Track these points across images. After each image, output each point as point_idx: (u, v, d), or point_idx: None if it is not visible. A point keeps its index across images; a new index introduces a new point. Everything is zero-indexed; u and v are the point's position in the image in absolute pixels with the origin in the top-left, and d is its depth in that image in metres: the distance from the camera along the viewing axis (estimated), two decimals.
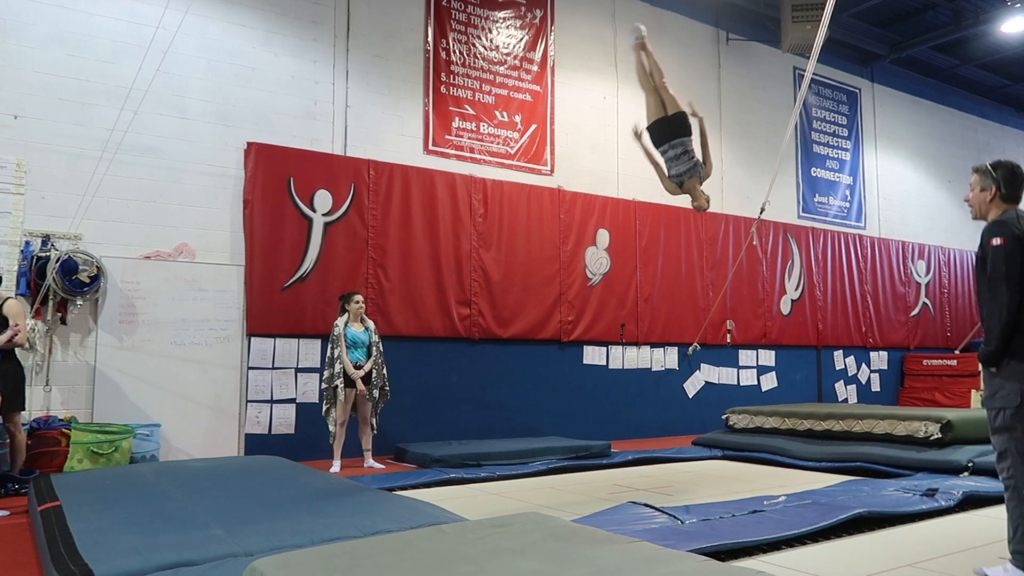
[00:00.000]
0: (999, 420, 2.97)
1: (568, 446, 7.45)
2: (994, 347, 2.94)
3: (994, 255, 3.02)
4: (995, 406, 2.99)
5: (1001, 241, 3.02)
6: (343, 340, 6.80)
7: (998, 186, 3.17)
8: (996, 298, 2.96)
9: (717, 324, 10.37)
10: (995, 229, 3.08)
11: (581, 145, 9.66)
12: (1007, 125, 15.92)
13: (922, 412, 6.90)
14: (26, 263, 6.32)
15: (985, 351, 2.98)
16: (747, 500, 4.86)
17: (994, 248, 3.02)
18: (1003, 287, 2.95)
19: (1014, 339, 2.94)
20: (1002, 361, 2.97)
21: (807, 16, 10.26)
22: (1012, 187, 3.18)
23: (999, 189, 3.17)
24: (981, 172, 3.25)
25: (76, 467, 5.94)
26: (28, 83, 6.52)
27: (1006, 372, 2.93)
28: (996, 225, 3.10)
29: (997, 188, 3.17)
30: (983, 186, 3.22)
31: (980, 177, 3.25)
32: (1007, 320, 2.92)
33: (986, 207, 3.21)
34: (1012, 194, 3.18)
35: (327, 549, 2.92)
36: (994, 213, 3.17)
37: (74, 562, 3.08)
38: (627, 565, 2.64)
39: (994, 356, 2.97)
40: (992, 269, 3.01)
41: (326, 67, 8.00)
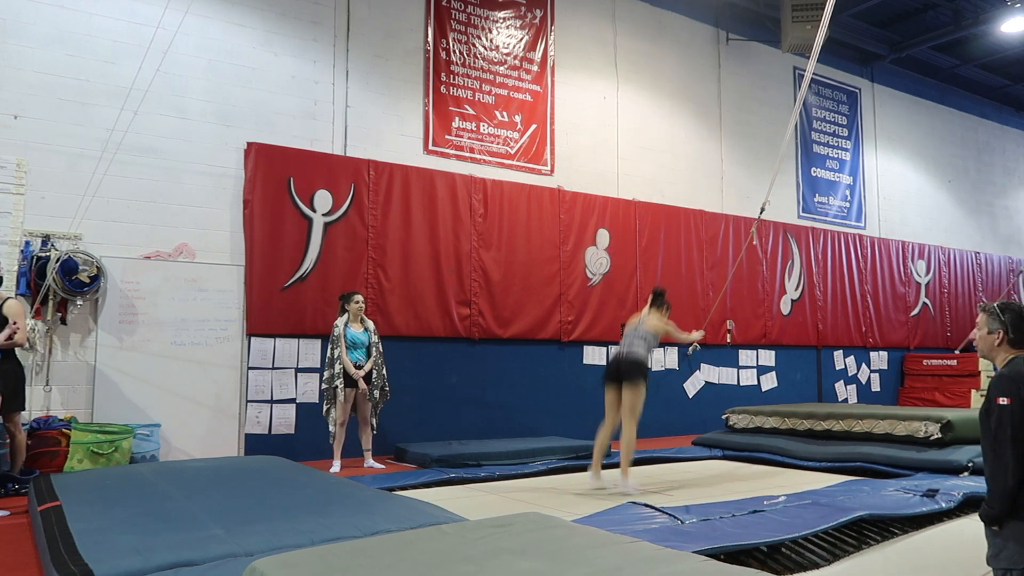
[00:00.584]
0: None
1: (568, 446, 7.45)
2: (997, 511, 2.92)
3: (999, 415, 2.95)
4: (1001, 567, 2.97)
5: (1008, 402, 2.92)
6: (343, 340, 6.80)
7: (1006, 330, 3.09)
8: (1000, 459, 2.93)
9: (717, 324, 10.37)
10: (1003, 387, 2.97)
11: (581, 145, 9.66)
12: (1007, 125, 15.93)
13: (922, 412, 6.90)
14: (26, 263, 6.32)
15: (988, 513, 2.95)
16: (747, 500, 4.86)
17: (1000, 407, 2.95)
18: (1008, 450, 2.90)
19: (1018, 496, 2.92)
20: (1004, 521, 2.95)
21: (807, 16, 10.26)
22: (1020, 331, 3.08)
23: (1007, 333, 3.10)
24: (989, 313, 3.16)
25: (76, 467, 5.94)
26: (28, 83, 6.52)
27: (1008, 532, 2.92)
28: (1004, 382, 3.00)
29: (1005, 332, 3.10)
30: (990, 328, 3.13)
31: (987, 319, 3.15)
32: (1012, 485, 2.89)
33: (994, 351, 3.14)
34: (1020, 339, 3.09)
35: (327, 549, 2.92)
36: (1002, 357, 3.09)
37: (74, 562, 3.08)
38: (627, 565, 2.64)
39: (996, 518, 2.96)
40: (996, 429, 2.95)
41: (326, 67, 8.00)
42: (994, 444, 2.95)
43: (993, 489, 2.93)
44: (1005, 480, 2.88)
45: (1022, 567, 2.89)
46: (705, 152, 10.92)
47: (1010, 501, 2.88)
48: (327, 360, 6.87)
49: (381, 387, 6.97)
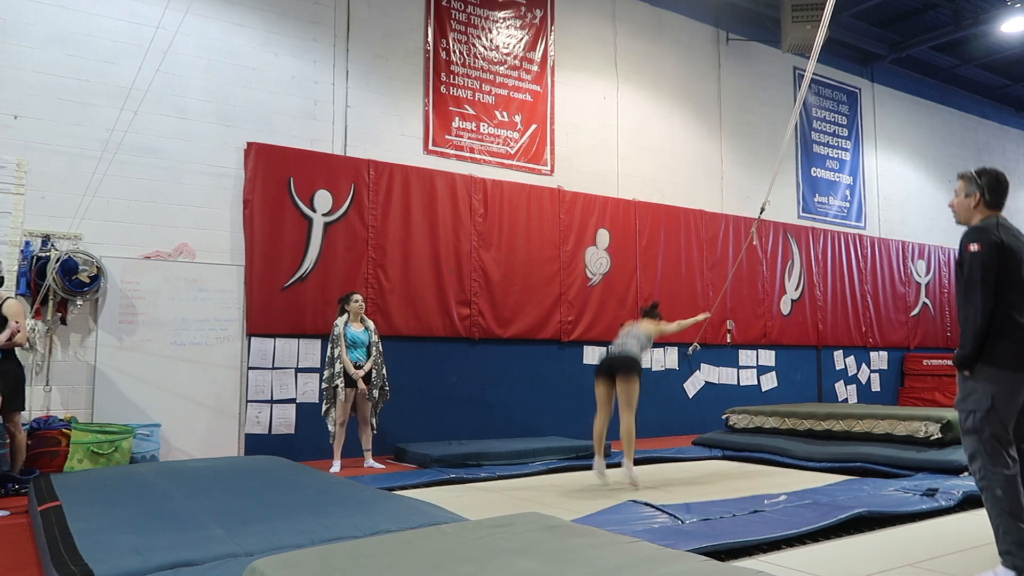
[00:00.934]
0: (969, 422, 3.04)
1: (568, 446, 7.45)
2: (968, 351, 3.02)
3: (971, 261, 3.08)
4: (966, 408, 3.06)
5: (978, 247, 3.07)
6: (343, 340, 6.80)
7: (982, 192, 3.23)
8: (971, 303, 3.04)
9: (717, 324, 10.37)
10: (973, 235, 3.13)
11: (581, 145, 9.66)
12: (1007, 125, 15.93)
13: (922, 412, 6.90)
14: (26, 263, 6.32)
15: (959, 354, 3.05)
16: (747, 499, 4.86)
17: (971, 254, 3.08)
18: (978, 293, 3.01)
19: (987, 344, 3.00)
20: (975, 365, 3.03)
21: (807, 16, 10.26)
22: (996, 194, 3.23)
23: (983, 196, 3.22)
24: (966, 178, 3.31)
25: (76, 467, 5.94)
26: (28, 83, 6.52)
27: (978, 375, 3.00)
28: (975, 231, 3.15)
29: (981, 195, 3.23)
30: (967, 192, 3.28)
31: (965, 183, 3.31)
32: (981, 325, 2.99)
33: (970, 213, 3.27)
34: (995, 201, 3.23)
35: (327, 549, 2.92)
36: (977, 219, 3.22)
37: (74, 562, 3.08)
38: (627, 565, 2.64)
39: (967, 360, 3.05)
40: (968, 274, 3.07)
41: (326, 67, 8.00)
42: (966, 288, 3.08)
43: (965, 332, 3.05)
44: (976, 321, 2.99)
45: (986, 408, 2.99)
46: (705, 152, 10.92)
47: (981, 341, 2.98)
48: (327, 360, 6.87)
49: (381, 387, 6.97)
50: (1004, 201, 3.28)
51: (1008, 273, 3.04)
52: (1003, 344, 2.98)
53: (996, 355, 2.97)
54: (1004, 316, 3.01)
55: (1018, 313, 3.01)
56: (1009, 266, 3.05)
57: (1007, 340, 2.99)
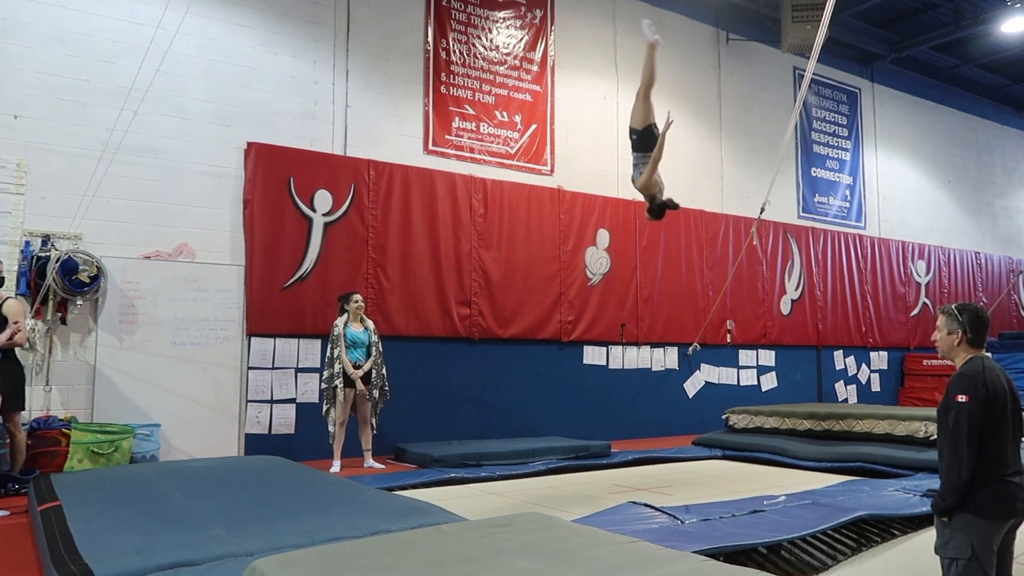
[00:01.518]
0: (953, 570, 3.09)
1: (568, 446, 7.45)
2: (949, 503, 3.07)
3: (958, 411, 3.11)
4: (947, 556, 3.11)
5: (966, 399, 3.08)
6: (343, 340, 6.80)
7: (964, 331, 3.24)
8: (956, 454, 3.07)
9: (717, 324, 10.37)
10: (962, 384, 3.13)
11: (581, 145, 9.66)
12: (1007, 125, 15.92)
13: (922, 412, 6.90)
14: (26, 263, 6.32)
15: (939, 504, 3.09)
16: (747, 500, 4.86)
17: (959, 404, 3.11)
18: (964, 446, 3.05)
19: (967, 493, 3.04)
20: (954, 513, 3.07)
21: (807, 16, 10.26)
22: (977, 331, 3.25)
23: (965, 333, 3.23)
24: (948, 315, 3.33)
25: (76, 467, 5.94)
26: (28, 83, 6.52)
27: (957, 523, 3.05)
28: (963, 380, 3.16)
29: (963, 332, 3.24)
30: (950, 329, 3.29)
31: (947, 320, 3.33)
32: (966, 478, 3.04)
33: (954, 351, 3.29)
34: (977, 339, 3.26)
35: (327, 549, 2.92)
36: (961, 356, 3.24)
37: (74, 562, 3.08)
38: (627, 565, 2.64)
39: (948, 510, 3.08)
40: (955, 426, 3.10)
41: (326, 67, 8.00)
42: (951, 439, 3.08)
43: (947, 483, 3.06)
44: (959, 474, 3.02)
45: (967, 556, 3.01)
46: (705, 152, 10.92)
47: (962, 494, 2.99)
48: (327, 360, 6.87)
49: (380, 387, 6.97)
50: (986, 338, 3.30)
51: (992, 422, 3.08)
52: (983, 493, 3.04)
53: (975, 503, 3.01)
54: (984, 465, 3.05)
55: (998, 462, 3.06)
56: (995, 415, 3.09)
57: (986, 488, 3.04)
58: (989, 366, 3.18)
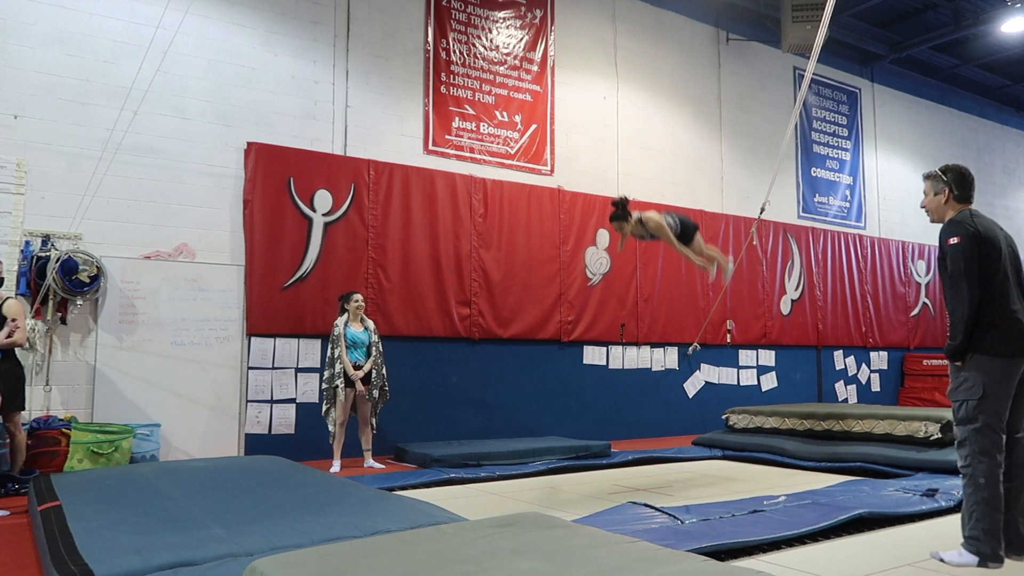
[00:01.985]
0: (962, 411, 3.12)
1: (568, 446, 7.45)
2: (959, 341, 3.11)
3: (952, 253, 3.16)
4: (959, 398, 3.14)
5: (958, 240, 3.16)
6: (343, 340, 6.80)
7: (950, 188, 3.30)
8: (958, 294, 3.12)
9: (717, 324, 10.37)
10: (951, 229, 3.23)
11: (581, 145, 9.66)
12: (1007, 125, 15.92)
13: (922, 412, 6.89)
14: (26, 263, 6.32)
15: (951, 346, 3.14)
16: (747, 500, 4.85)
17: (952, 247, 3.17)
18: (964, 283, 3.09)
19: (976, 333, 3.06)
20: (966, 355, 3.09)
21: (807, 16, 10.26)
22: (963, 188, 3.33)
23: (951, 191, 3.30)
24: (933, 178, 3.41)
25: (76, 467, 5.94)
26: (28, 83, 6.52)
27: (970, 365, 3.08)
28: (952, 224, 3.24)
29: (950, 190, 3.30)
30: (936, 190, 3.37)
31: (932, 183, 3.41)
32: (970, 315, 3.07)
33: (942, 210, 3.36)
34: (964, 195, 3.33)
35: (327, 549, 2.92)
36: (950, 214, 3.29)
37: (74, 562, 3.08)
38: (627, 565, 2.64)
39: (959, 350, 3.13)
40: (952, 267, 3.15)
41: (326, 67, 8.00)
42: (951, 281, 3.16)
43: (955, 322, 3.13)
44: (965, 310, 3.05)
45: (978, 397, 3.06)
46: (705, 152, 10.92)
47: (971, 331, 3.02)
48: (327, 360, 6.87)
49: (380, 387, 6.97)
50: (972, 194, 3.39)
51: (989, 262, 3.13)
52: (992, 332, 3.05)
53: (985, 343, 3.04)
54: (991, 304, 3.08)
55: (1004, 300, 3.10)
56: (990, 254, 3.14)
57: (996, 328, 3.06)
58: (978, 214, 3.26)
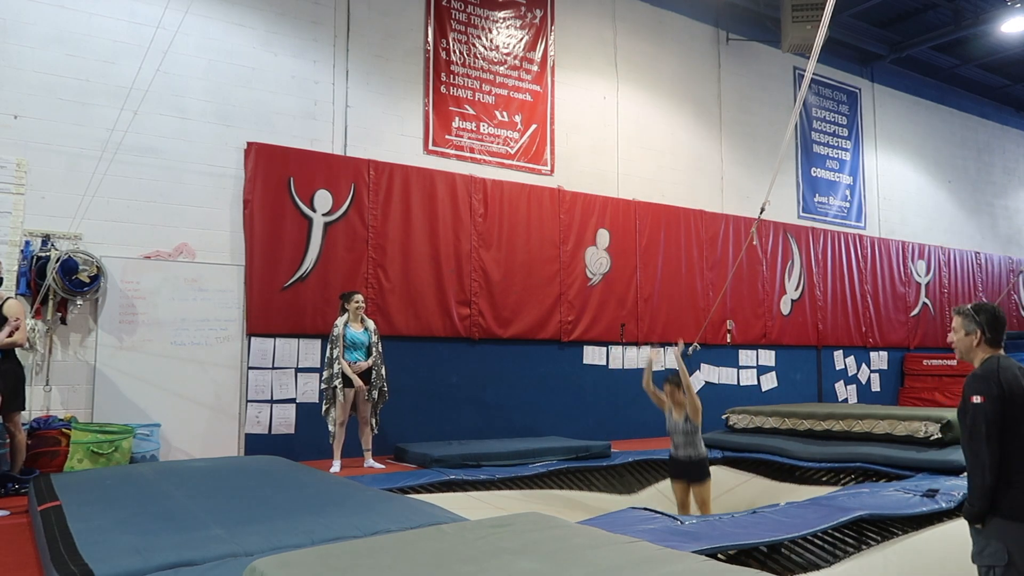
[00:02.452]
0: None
1: (568, 446, 7.44)
2: (978, 508, 2.98)
3: (974, 413, 3.01)
4: (984, 563, 3.01)
5: (981, 400, 3.00)
6: (342, 341, 6.79)
7: (982, 331, 3.16)
8: (977, 457, 2.98)
9: (717, 324, 10.37)
10: (976, 385, 3.05)
11: (581, 145, 9.66)
12: (1007, 125, 15.92)
13: (922, 412, 6.90)
14: (26, 263, 6.32)
15: (969, 511, 3.01)
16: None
17: (974, 406, 3.01)
18: (983, 448, 2.95)
19: (996, 495, 2.96)
20: (985, 518, 2.99)
21: (807, 16, 10.25)
22: (995, 331, 3.18)
23: (984, 334, 3.16)
24: (965, 316, 3.24)
25: (76, 467, 5.94)
26: (28, 83, 6.52)
27: (990, 529, 2.96)
28: (977, 381, 3.07)
29: (982, 332, 3.17)
30: (967, 330, 3.21)
31: (964, 320, 3.24)
32: (990, 480, 2.94)
33: (972, 352, 3.21)
34: (995, 338, 3.18)
35: (327, 549, 2.92)
36: (980, 357, 3.16)
37: (74, 562, 3.08)
38: (627, 565, 2.64)
39: (978, 515, 3.00)
40: (972, 428, 3.00)
41: (326, 67, 8.00)
42: (970, 442, 3.02)
43: (973, 487, 2.98)
44: (983, 477, 2.94)
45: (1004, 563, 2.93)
46: (705, 152, 10.92)
47: (990, 498, 2.92)
48: (326, 360, 6.87)
49: (380, 388, 6.96)
50: (1003, 337, 3.23)
51: (1013, 420, 2.97)
52: (1011, 494, 2.93)
53: (1005, 506, 2.92)
54: (1010, 466, 2.96)
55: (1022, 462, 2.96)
56: (1014, 413, 2.98)
57: (1014, 490, 2.93)
58: (1005, 365, 3.11)
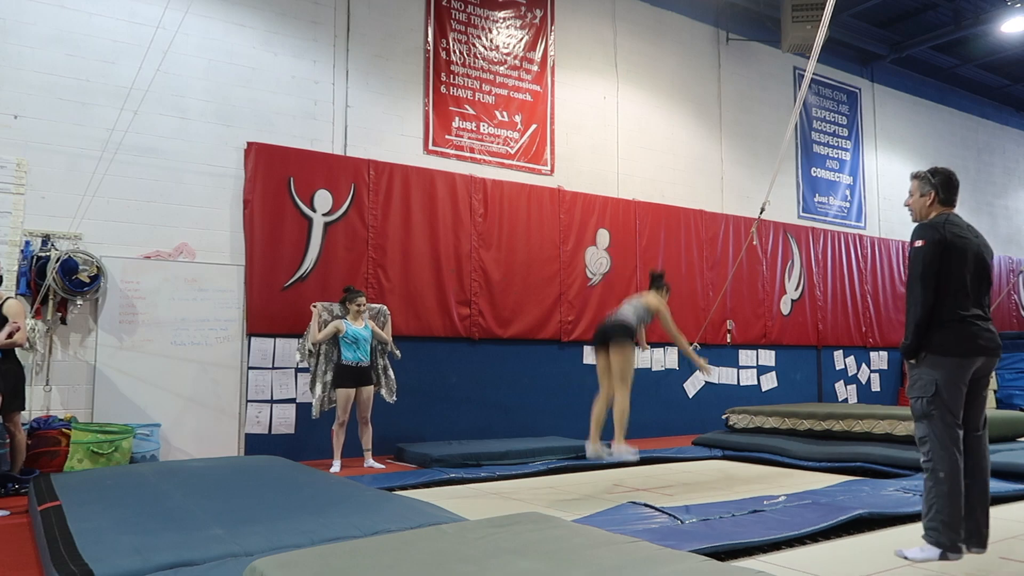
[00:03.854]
0: (919, 407, 3.26)
1: (568, 446, 7.45)
2: (910, 341, 3.29)
3: (913, 256, 3.29)
4: (915, 395, 3.28)
5: (922, 243, 3.30)
6: (341, 325, 6.81)
7: (936, 191, 3.38)
8: (912, 294, 3.23)
9: (717, 324, 10.37)
10: (920, 232, 3.38)
11: (581, 145, 9.66)
12: (1007, 125, 15.92)
13: None
14: (26, 263, 6.32)
15: (904, 345, 3.30)
16: (747, 500, 4.85)
17: (914, 249, 3.30)
18: (919, 286, 3.21)
19: (929, 334, 3.17)
20: (919, 354, 3.21)
21: (807, 16, 10.26)
22: (948, 191, 3.45)
23: (938, 193, 3.38)
24: (920, 178, 3.51)
25: (76, 467, 5.94)
26: (28, 83, 6.52)
27: (923, 363, 3.21)
28: (922, 228, 3.37)
29: (936, 192, 3.38)
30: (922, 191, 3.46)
31: (919, 183, 3.52)
32: (922, 317, 3.21)
33: (925, 211, 3.49)
34: (948, 198, 3.44)
35: (327, 549, 2.92)
36: (931, 216, 3.38)
37: (74, 562, 3.08)
38: (627, 565, 2.64)
39: (911, 349, 3.29)
40: (910, 269, 3.29)
41: (326, 67, 8.00)
42: (910, 283, 3.27)
43: (909, 324, 3.29)
44: (917, 314, 3.22)
45: (931, 394, 3.19)
46: (705, 152, 10.92)
47: (922, 332, 3.17)
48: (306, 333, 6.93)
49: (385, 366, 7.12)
50: (956, 198, 3.47)
51: (950, 267, 3.23)
52: (943, 332, 3.19)
53: (936, 343, 3.17)
54: (944, 307, 3.21)
55: (957, 304, 3.24)
56: (951, 260, 3.23)
57: (947, 329, 3.20)
58: (954, 220, 3.34)
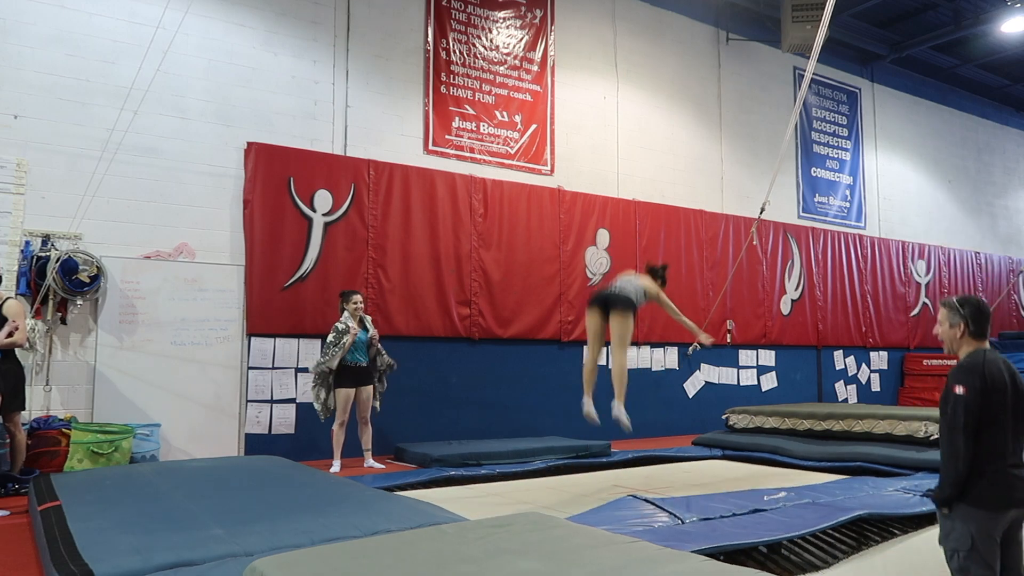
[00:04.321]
0: (955, 561, 3.12)
1: (568, 446, 7.45)
2: (947, 493, 3.09)
3: (955, 404, 3.10)
4: (950, 547, 3.13)
5: (964, 391, 3.06)
6: (352, 336, 6.72)
7: (966, 323, 3.22)
8: (953, 446, 3.08)
9: (717, 324, 10.36)
10: (960, 376, 3.12)
11: (581, 145, 9.66)
12: (1007, 125, 15.92)
13: (922, 412, 6.90)
14: (26, 263, 6.32)
15: (939, 495, 3.10)
16: (747, 498, 4.84)
17: (956, 397, 3.10)
18: (961, 438, 3.05)
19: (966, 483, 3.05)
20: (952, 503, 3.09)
21: (807, 16, 10.26)
22: (979, 324, 3.24)
23: (967, 327, 3.22)
24: (949, 308, 3.31)
25: (76, 467, 5.94)
26: (28, 83, 6.52)
27: (957, 514, 3.08)
28: (961, 371, 3.15)
29: (965, 325, 3.22)
30: (951, 322, 3.28)
31: (948, 312, 3.31)
32: (963, 470, 3.05)
33: (957, 343, 3.28)
34: (980, 331, 3.23)
35: (327, 549, 2.92)
36: (964, 350, 3.22)
37: (74, 562, 3.08)
38: (627, 565, 2.64)
39: (947, 501, 3.10)
40: (952, 417, 3.10)
41: (326, 67, 8.00)
42: (949, 431, 3.08)
43: (945, 474, 3.06)
44: (956, 467, 3.02)
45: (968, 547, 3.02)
46: (705, 152, 10.92)
47: (960, 486, 3.01)
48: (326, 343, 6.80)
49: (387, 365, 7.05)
50: (988, 329, 3.28)
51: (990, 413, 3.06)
52: (980, 483, 3.04)
53: (973, 495, 3.02)
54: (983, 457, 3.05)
55: (996, 454, 3.05)
56: (992, 406, 3.07)
57: (984, 479, 3.04)
58: (990, 358, 3.16)
